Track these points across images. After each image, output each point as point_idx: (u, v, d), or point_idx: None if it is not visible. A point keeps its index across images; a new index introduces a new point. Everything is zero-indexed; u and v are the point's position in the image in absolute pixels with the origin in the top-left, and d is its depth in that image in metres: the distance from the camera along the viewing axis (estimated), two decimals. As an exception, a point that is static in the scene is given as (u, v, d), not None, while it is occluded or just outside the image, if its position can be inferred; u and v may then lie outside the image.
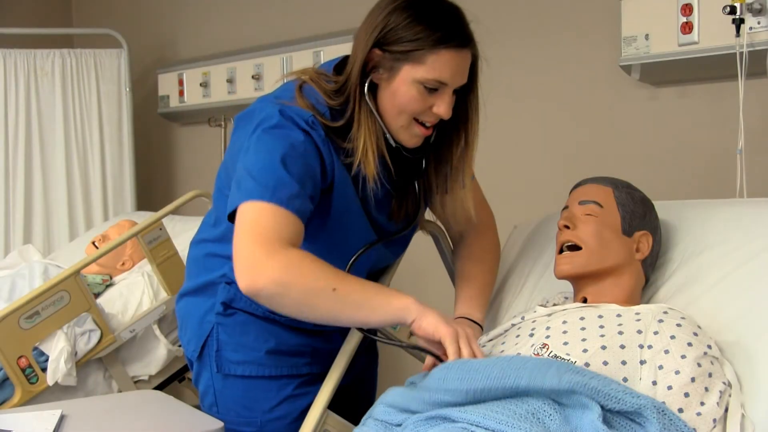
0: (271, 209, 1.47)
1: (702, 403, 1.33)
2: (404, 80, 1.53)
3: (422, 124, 1.58)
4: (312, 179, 1.53)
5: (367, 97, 1.57)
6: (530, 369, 1.24)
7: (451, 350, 1.39)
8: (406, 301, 1.44)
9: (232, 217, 1.52)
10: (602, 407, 1.22)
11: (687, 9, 2.18)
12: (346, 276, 1.48)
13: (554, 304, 1.62)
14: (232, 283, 1.72)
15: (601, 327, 1.43)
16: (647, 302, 1.63)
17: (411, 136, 1.60)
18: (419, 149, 1.65)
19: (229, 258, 1.70)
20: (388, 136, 1.60)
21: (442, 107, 1.55)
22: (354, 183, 1.60)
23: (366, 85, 1.57)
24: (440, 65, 1.51)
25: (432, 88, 1.53)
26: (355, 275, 1.51)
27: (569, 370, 1.25)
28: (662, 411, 1.25)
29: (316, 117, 1.55)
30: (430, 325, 1.42)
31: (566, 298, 1.67)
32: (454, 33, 1.52)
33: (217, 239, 1.74)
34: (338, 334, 1.78)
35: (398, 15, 1.52)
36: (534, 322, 1.54)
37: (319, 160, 1.55)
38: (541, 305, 1.63)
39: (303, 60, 3.25)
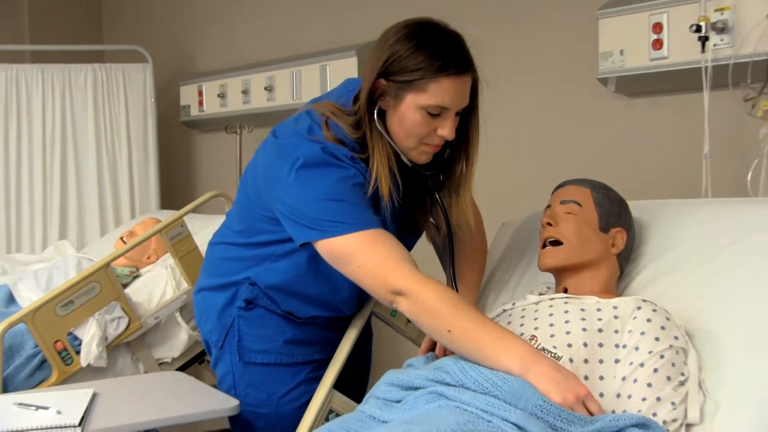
0: (370, 234, 1.47)
1: (662, 390, 1.32)
2: (409, 107, 1.50)
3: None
4: (368, 201, 1.53)
5: (377, 123, 1.54)
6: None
7: None
8: (510, 364, 1.30)
9: (303, 245, 1.53)
10: None
11: (657, 27, 2.18)
12: (465, 314, 1.39)
13: (540, 294, 1.62)
14: (255, 284, 1.71)
15: (583, 320, 1.42)
16: (622, 292, 1.63)
17: (421, 154, 1.57)
18: (435, 165, 1.62)
19: (254, 263, 1.70)
20: (402, 157, 1.57)
21: (446, 130, 1.52)
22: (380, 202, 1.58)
23: (375, 112, 1.54)
24: (441, 92, 1.48)
25: (435, 113, 1.50)
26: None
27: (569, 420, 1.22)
28: (646, 426, 1.24)
29: (350, 151, 1.53)
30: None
31: (549, 287, 1.66)
32: (454, 60, 1.48)
33: (246, 245, 1.71)
34: (346, 325, 1.78)
35: (402, 44, 1.49)
36: (523, 309, 1.54)
37: (366, 187, 1.53)
38: (531, 294, 1.63)
39: (311, 73, 3.24)
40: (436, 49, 1.48)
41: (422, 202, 1.70)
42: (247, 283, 1.72)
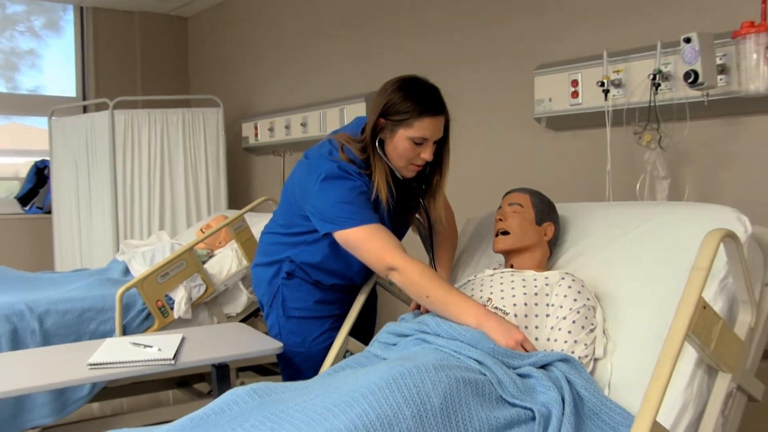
0: (371, 227, 1.46)
1: (578, 335, 1.32)
2: (400, 138, 1.50)
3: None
4: (370, 204, 1.52)
5: (378, 149, 1.54)
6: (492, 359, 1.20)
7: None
8: (469, 321, 1.31)
9: (327, 234, 1.52)
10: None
11: (575, 82, 2.18)
12: (439, 285, 1.38)
13: (494, 269, 1.61)
14: (293, 261, 1.70)
15: (524, 287, 1.42)
16: (551, 267, 1.61)
17: (408, 171, 1.57)
18: (418, 178, 1.62)
19: (292, 246, 1.69)
20: (396, 173, 1.57)
21: (427, 154, 1.52)
22: (380, 205, 1.57)
23: (376, 141, 1.54)
24: (424, 128, 1.48)
25: (419, 143, 1.50)
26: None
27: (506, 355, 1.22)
28: (567, 360, 1.24)
29: (358, 168, 1.53)
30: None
31: (500, 264, 1.65)
32: (432, 106, 1.48)
33: (287, 234, 1.70)
34: (358, 291, 1.77)
35: (395, 94, 1.49)
36: (482, 280, 1.53)
37: (369, 194, 1.53)
38: (487, 269, 1.62)
39: (332, 115, 3.23)
40: (419, 97, 1.48)
41: (409, 204, 1.69)
42: (287, 261, 1.71)
